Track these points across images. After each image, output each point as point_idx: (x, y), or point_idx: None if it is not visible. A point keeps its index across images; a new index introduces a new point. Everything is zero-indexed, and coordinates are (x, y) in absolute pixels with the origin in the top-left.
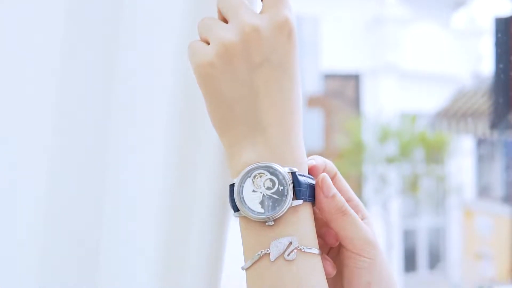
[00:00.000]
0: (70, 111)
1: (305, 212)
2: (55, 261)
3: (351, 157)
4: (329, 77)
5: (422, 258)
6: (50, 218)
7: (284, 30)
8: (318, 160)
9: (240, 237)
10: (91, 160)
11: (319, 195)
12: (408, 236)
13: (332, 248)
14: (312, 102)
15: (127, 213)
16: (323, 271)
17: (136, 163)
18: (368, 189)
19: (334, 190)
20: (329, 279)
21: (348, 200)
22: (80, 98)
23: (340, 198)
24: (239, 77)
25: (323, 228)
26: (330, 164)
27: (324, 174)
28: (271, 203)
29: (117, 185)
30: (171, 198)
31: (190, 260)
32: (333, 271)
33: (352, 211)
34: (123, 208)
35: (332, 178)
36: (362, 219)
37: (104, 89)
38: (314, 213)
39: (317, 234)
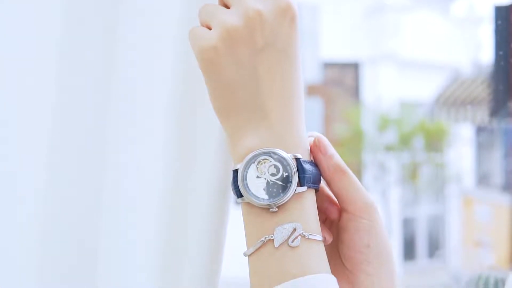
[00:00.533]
0: (69, 106)
1: (309, 198)
2: (54, 259)
3: (351, 146)
4: (328, 65)
5: (421, 246)
6: (49, 216)
7: (287, 15)
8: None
9: (243, 223)
10: (90, 149)
11: (317, 154)
12: (408, 225)
13: (328, 218)
14: (311, 90)
15: (127, 198)
16: (326, 257)
17: (136, 151)
18: (368, 177)
19: (332, 150)
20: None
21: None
22: (79, 92)
23: (338, 157)
24: (242, 62)
25: (325, 203)
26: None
27: (320, 135)
28: (275, 190)
29: (117, 175)
30: (172, 185)
31: (190, 247)
32: (329, 239)
33: (352, 173)
34: (123, 197)
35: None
36: None
37: (103, 80)
38: (316, 190)
39: (319, 209)
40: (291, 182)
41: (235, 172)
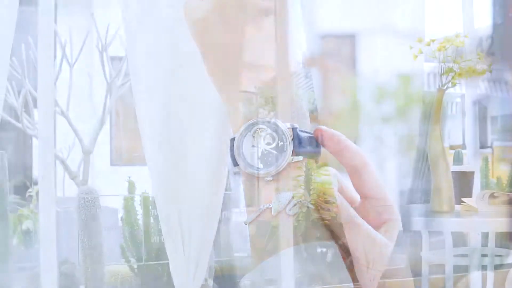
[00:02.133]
0: None
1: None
2: None
3: (347, 118)
4: (325, 37)
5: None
6: None
7: None
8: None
9: (243, 191)
10: None
11: None
12: (404, 196)
13: None
14: (308, 62)
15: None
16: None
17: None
18: (364, 149)
19: None
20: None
21: (370, 198)
22: None
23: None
24: (235, 31)
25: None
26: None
27: None
28: (269, 159)
29: None
30: (171, 151)
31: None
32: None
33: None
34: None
35: (361, 169)
36: (383, 223)
37: None
38: (316, 161)
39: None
40: (285, 151)
41: (232, 140)
